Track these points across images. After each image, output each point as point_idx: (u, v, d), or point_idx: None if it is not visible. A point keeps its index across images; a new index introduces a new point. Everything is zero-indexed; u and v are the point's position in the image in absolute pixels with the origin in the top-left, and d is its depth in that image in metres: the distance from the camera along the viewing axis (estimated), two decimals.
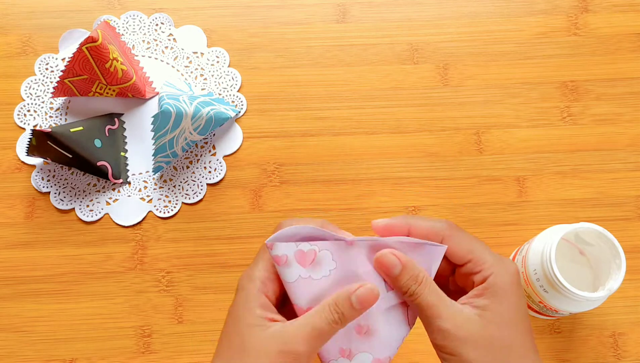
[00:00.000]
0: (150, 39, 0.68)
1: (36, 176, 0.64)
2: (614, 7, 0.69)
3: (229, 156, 0.65)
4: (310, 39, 0.68)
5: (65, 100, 0.66)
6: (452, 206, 0.63)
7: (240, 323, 0.38)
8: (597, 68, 0.67)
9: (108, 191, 0.63)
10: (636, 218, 0.63)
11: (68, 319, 0.60)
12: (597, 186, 0.64)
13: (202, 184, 0.64)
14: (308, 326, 0.37)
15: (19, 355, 0.59)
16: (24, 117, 0.66)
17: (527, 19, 0.69)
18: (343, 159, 0.65)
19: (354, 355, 0.39)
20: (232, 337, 0.38)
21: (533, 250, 0.53)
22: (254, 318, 0.38)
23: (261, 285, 0.39)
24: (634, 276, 0.61)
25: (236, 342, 0.38)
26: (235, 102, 0.66)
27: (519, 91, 0.67)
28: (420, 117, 0.66)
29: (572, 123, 0.66)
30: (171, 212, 0.63)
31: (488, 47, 0.68)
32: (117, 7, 0.69)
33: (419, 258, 0.39)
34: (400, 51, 0.68)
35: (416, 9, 0.69)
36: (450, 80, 0.67)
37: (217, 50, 0.68)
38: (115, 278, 0.61)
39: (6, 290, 0.61)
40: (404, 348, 0.59)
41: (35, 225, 0.63)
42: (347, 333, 0.39)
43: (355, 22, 0.69)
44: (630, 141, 0.65)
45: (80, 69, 0.62)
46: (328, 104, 0.66)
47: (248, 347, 0.37)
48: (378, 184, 0.64)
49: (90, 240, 0.62)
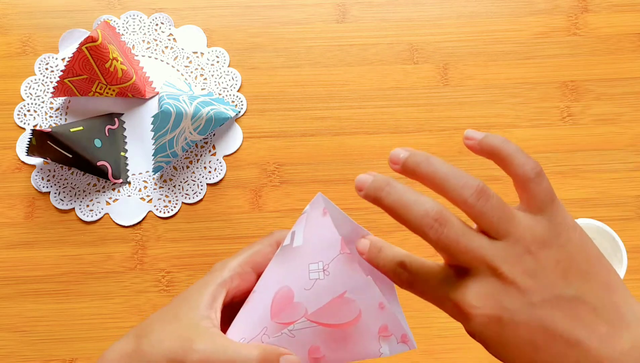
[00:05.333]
0: (150, 39, 0.68)
1: (36, 176, 0.64)
2: (614, 7, 0.69)
3: (229, 156, 0.65)
4: (310, 39, 0.68)
5: (65, 100, 0.66)
6: (452, 205, 0.63)
7: (184, 301, 0.39)
8: (597, 68, 0.67)
9: (108, 191, 0.63)
10: (636, 217, 0.63)
11: (68, 319, 0.60)
12: (597, 186, 0.64)
13: (202, 184, 0.64)
14: (226, 356, 0.36)
15: (19, 355, 0.59)
16: (24, 117, 0.66)
17: (527, 19, 0.69)
18: (343, 159, 0.65)
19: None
20: (173, 306, 0.39)
21: None
22: (196, 305, 0.39)
23: (228, 279, 0.40)
24: (634, 276, 0.61)
25: (171, 313, 0.39)
26: (235, 102, 0.66)
27: (519, 91, 0.67)
28: (420, 117, 0.66)
29: (572, 123, 0.66)
30: (171, 212, 0.63)
31: (488, 47, 0.68)
32: (117, 7, 0.69)
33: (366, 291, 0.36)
34: (400, 50, 0.68)
35: (416, 9, 0.69)
36: (450, 80, 0.67)
37: (217, 50, 0.68)
38: (115, 278, 0.61)
39: (6, 290, 0.61)
40: None
41: (35, 225, 0.63)
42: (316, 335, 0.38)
43: (355, 22, 0.69)
44: (630, 141, 0.65)
45: (80, 69, 0.62)
46: (328, 104, 0.66)
47: (175, 321, 0.38)
48: None
49: (90, 240, 0.62)
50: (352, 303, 0.36)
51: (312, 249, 0.37)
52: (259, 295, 0.39)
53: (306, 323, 0.37)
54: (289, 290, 0.37)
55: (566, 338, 0.32)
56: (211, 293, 0.39)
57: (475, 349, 0.59)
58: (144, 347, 0.37)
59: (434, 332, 0.60)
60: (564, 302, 0.32)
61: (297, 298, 0.37)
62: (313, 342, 0.37)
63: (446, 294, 0.34)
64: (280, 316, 0.38)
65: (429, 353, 0.59)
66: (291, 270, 0.38)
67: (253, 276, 0.41)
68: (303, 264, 0.37)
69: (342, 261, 0.36)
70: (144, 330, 0.39)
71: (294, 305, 0.37)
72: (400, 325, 0.37)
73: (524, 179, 0.34)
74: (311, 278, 0.37)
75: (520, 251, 0.33)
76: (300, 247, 0.38)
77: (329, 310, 0.36)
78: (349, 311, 0.36)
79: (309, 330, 0.37)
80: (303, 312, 0.37)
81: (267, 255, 0.41)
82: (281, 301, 0.38)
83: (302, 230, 0.38)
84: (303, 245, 0.38)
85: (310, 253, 0.37)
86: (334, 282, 0.36)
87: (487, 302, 0.33)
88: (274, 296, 0.38)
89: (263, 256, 0.41)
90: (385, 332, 0.37)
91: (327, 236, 0.37)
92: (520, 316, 0.32)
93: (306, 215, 0.39)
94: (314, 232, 0.38)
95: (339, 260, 0.36)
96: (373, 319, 0.37)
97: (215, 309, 0.39)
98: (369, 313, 0.36)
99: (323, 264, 0.36)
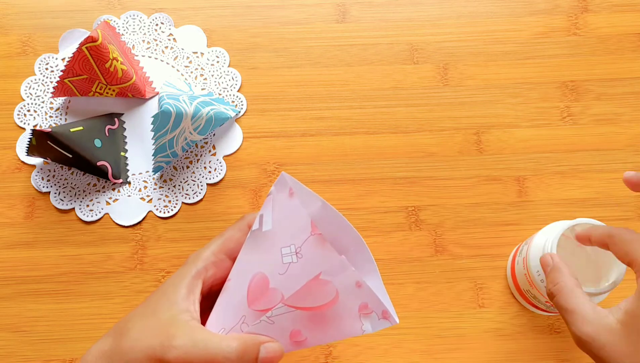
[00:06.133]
0: (150, 39, 0.68)
1: (36, 176, 0.64)
2: (614, 7, 0.69)
3: (229, 156, 0.65)
4: (310, 39, 0.68)
5: (65, 100, 0.66)
6: (452, 206, 0.63)
7: (162, 296, 0.39)
8: (597, 68, 0.67)
9: (108, 191, 0.63)
10: (636, 218, 0.63)
11: (68, 319, 0.60)
12: (597, 186, 0.64)
13: (202, 184, 0.64)
14: (206, 351, 0.36)
15: (18, 355, 0.59)
16: (24, 117, 0.66)
17: (527, 19, 0.69)
18: (343, 159, 0.65)
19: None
20: (150, 302, 0.39)
21: (533, 250, 0.53)
22: (174, 300, 0.38)
23: (202, 269, 0.39)
24: (634, 276, 0.61)
25: (150, 309, 0.38)
26: (235, 102, 0.66)
27: (519, 91, 0.67)
28: (420, 117, 0.66)
29: (572, 123, 0.66)
30: (171, 212, 0.63)
31: (488, 47, 0.68)
32: (117, 7, 0.69)
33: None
34: (400, 50, 0.68)
35: (416, 9, 0.69)
36: (450, 80, 0.67)
37: (217, 50, 0.68)
38: (115, 278, 0.61)
39: (6, 290, 0.61)
40: (404, 348, 0.59)
41: (35, 225, 0.63)
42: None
43: (355, 22, 0.69)
44: (630, 141, 0.65)
45: (80, 69, 0.62)
46: (328, 104, 0.66)
47: (154, 316, 0.38)
48: (378, 184, 0.64)
49: (90, 240, 0.62)
50: (328, 284, 0.36)
51: (282, 232, 0.37)
52: (234, 283, 0.38)
53: (284, 309, 0.36)
54: (263, 276, 0.37)
55: None
56: (187, 285, 0.39)
57: (475, 349, 0.59)
58: (123, 344, 0.37)
59: (434, 332, 0.60)
60: None
61: (273, 283, 0.37)
62: (293, 326, 0.37)
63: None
64: (257, 303, 0.37)
65: (429, 353, 0.59)
66: (263, 256, 0.37)
67: (228, 263, 0.40)
68: (275, 248, 0.37)
69: (314, 242, 0.36)
70: (122, 328, 0.38)
71: (270, 291, 0.37)
72: (379, 301, 0.36)
73: None
74: (284, 262, 0.36)
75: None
76: (270, 231, 0.37)
77: (306, 293, 0.36)
78: (326, 293, 0.36)
79: (287, 314, 0.37)
80: (280, 298, 0.36)
81: (239, 240, 0.41)
82: (257, 289, 0.37)
83: (270, 213, 0.38)
84: (273, 228, 0.37)
85: (281, 237, 0.37)
86: (307, 265, 0.36)
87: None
88: (249, 284, 0.37)
89: (235, 242, 0.41)
90: (365, 309, 0.37)
91: (297, 218, 0.36)
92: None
93: (272, 197, 0.38)
94: (283, 215, 0.37)
95: (310, 242, 0.36)
96: (351, 298, 0.36)
97: (194, 301, 0.38)
98: (347, 292, 0.36)
99: (295, 247, 0.36)
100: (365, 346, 0.59)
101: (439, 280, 0.61)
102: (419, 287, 0.61)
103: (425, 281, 0.61)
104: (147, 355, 0.36)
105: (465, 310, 0.60)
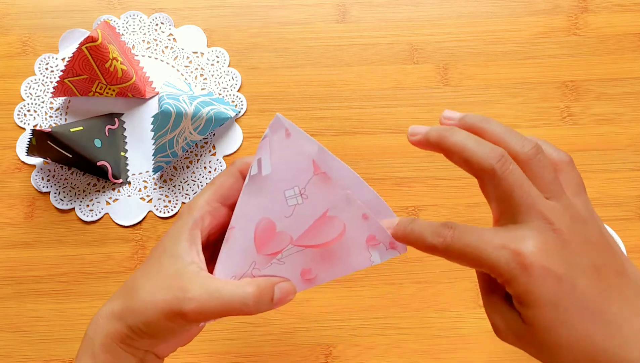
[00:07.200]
0: (150, 39, 0.68)
1: (36, 176, 0.64)
2: (614, 7, 0.69)
3: (229, 156, 0.65)
4: (310, 39, 0.68)
5: (65, 100, 0.66)
6: (452, 206, 0.63)
7: (163, 253, 0.38)
8: (597, 68, 0.67)
9: (108, 191, 0.63)
10: (636, 218, 0.63)
11: (68, 319, 0.60)
12: (597, 186, 0.64)
13: (202, 184, 0.64)
14: (222, 299, 0.35)
15: (18, 355, 0.59)
16: (24, 117, 0.66)
17: (527, 19, 0.69)
18: (342, 159, 0.64)
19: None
20: (153, 261, 0.38)
21: None
22: (177, 254, 0.37)
23: (199, 219, 0.38)
24: None
25: (154, 268, 0.37)
26: (235, 102, 0.66)
27: (519, 91, 0.67)
28: (420, 117, 0.66)
29: (572, 123, 0.66)
30: (171, 212, 0.63)
31: (488, 47, 0.68)
32: (117, 7, 0.69)
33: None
34: (400, 50, 0.68)
35: (416, 9, 0.69)
36: (450, 80, 0.67)
37: (217, 50, 0.68)
38: (115, 278, 0.61)
39: (6, 290, 0.61)
40: (404, 348, 0.59)
41: (35, 225, 0.63)
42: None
43: (355, 22, 0.69)
44: (630, 141, 0.65)
45: (80, 69, 0.62)
46: (328, 104, 0.66)
47: (160, 273, 0.37)
48: (378, 184, 0.64)
49: (90, 240, 0.62)
50: (335, 220, 0.36)
51: (283, 175, 0.36)
52: (239, 230, 0.38)
53: (293, 249, 0.36)
54: (269, 221, 0.37)
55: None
56: (187, 238, 0.38)
57: (475, 349, 0.59)
58: (135, 304, 0.36)
59: (434, 332, 0.60)
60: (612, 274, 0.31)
61: (280, 227, 0.36)
62: (303, 265, 0.37)
63: (503, 243, 0.31)
64: (266, 248, 0.37)
65: (429, 353, 0.59)
66: (267, 200, 0.37)
67: (223, 211, 0.40)
68: (278, 192, 0.36)
69: (317, 182, 0.36)
70: (130, 290, 0.37)
71: (278, 235, 0.37)
72: (386, 232, 0.36)
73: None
74: (290, 205, 0.36)
75: (572, 215, 0.32)
76: (270, 175, 0.37)
77: (314, 232, 0.36)
78: (333, 229, 0.36)
79: (297, 254, 0.37)
80: (288, 240, 0.36)
81: (232, 185, 0.40)
82: (264, 234, 0.37)
83: (267, 156, 0.37)
84: (273, 171, 0.37)
85: (282, 179, 0.36)
86: (313, 204, 0.36)
87: (549, 257, 0.31)
88: (255, 230, 0.37)
89: (228, 188, 0.40)
90: (373, 240, 0.37)
91: (297, 159, 0.36)
92: (580, 280, 0.31)
93: (268, 139, 0.37)
94: (282, 157, 0.36)
95: (314, 182, 0.36)
96: (359, 231, 0.36)
97: (197, 252, 0.38)
98: (354, 226, 0.36)
99: (299, 188, 0.36)
100: (365, 346, 0.59)
101: (439, 280, 0.61)
102: (419, 287, 0.61)
103: (425, 281, 0.61)
104: (163, 311, 0.35)
105: (465, 310, 0.60)
